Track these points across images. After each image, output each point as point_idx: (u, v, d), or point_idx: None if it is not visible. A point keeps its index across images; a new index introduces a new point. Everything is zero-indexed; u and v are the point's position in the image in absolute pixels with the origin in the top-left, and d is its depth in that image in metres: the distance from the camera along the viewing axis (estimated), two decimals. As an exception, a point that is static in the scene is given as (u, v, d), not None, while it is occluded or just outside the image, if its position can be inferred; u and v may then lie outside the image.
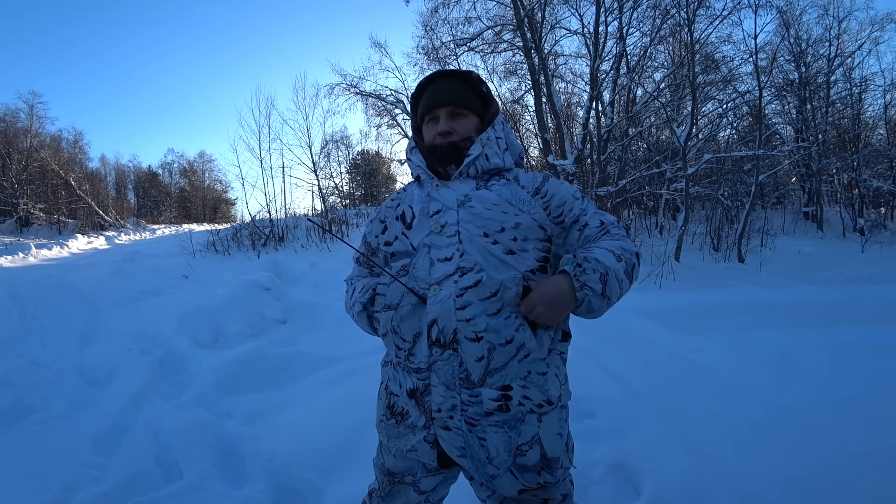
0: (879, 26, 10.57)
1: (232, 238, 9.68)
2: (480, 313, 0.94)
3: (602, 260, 0.97)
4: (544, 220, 1.03)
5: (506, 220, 1.00)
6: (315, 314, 4.51)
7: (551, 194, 1.06)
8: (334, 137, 18.80)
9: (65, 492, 1.88)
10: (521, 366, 0.97)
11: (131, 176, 36.97)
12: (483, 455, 0.98)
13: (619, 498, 1.79)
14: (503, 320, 0.95)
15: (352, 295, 1.20)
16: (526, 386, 0.97)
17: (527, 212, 1.02)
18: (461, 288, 0.95)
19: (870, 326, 3.47)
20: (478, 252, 0.98)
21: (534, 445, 0.99)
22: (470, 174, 1.07)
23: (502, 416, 0.97)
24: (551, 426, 1.02)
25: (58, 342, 3.95)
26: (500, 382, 0.96)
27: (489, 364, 0.95)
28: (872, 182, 10.66)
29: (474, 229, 0.99)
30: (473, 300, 0.94)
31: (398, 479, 1.10)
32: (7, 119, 19.05)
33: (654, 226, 10.05)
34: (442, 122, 1.08)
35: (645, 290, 5.19)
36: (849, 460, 1.86)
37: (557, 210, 1.06)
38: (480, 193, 1.03)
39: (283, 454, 2.05)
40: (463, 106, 1.09)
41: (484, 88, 1.12)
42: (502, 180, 1.07)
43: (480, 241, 0.99)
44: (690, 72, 7.54)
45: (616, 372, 2.81)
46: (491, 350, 0.95)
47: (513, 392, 0.96)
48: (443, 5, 9.65)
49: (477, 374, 0.96)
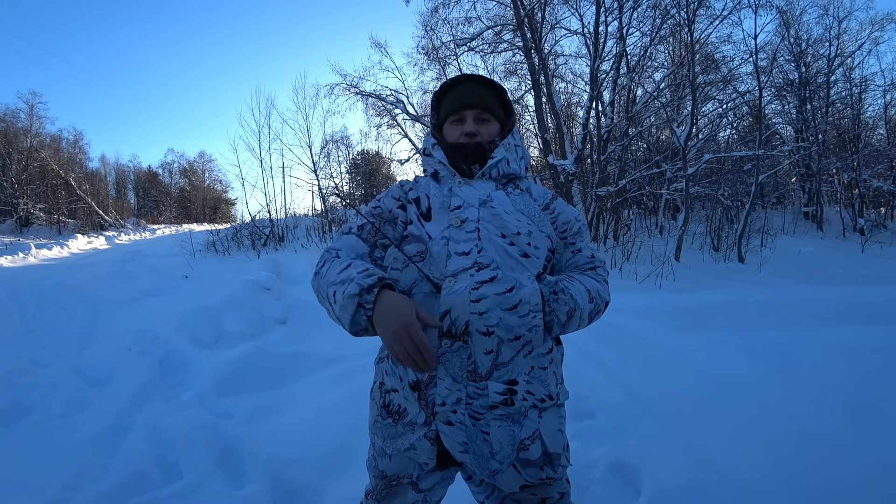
0: (879, 26, 10.61)
1: (232, 238, 9.69)
2: (494, 307, 0.95)
3: (576, 297, 1.03)
4: (552, 234, 1.11)
5: (521, 226, 1.06)
6: (315, 314, 4.51)
7: (559, 211, 1.15)
8: (334, 137, 18.74)
9: (65, 492, 1.88)
10: (526, 361, 1.00)
11: (131, 176, 37.03)
12: (486, 450, 0.98)
13: (619, 498, 1.79)
14: (518, 318, 0.97)
15: (344, 269, 0.97)
16: (530, 381, 1.00)
17: (537, 223, 1.09)
18: (477, 282, 0.97)
19: (870, 326, 3.47)
20: (495, 250, 1.01)
21: (535, 440, 1.01)
22: (492, 176, 1.12)
23: (506, 409, 0.98)
24: (551, 422, 1.04)
25: (58, 342, 3.95)
26: (507, 377, 0.98)
27: (497, 358, 0.97)
28: (872, 182, 10.67)
29: (493, 229, 1.03)
30: (489, 294, 0.96)
31: (394, 481, 1.10)
32: (7, 119, 19.10)
33: (654, 226, 10.05)
34: (469, 124, 1.13)
35: (645, 290, 5.18)
36: (848, 460, 1.86)
37: (563, 227, 1.14)
38: (500, 196, 1.09)
39: (283, 454, 2.05)
40: (488, 111, 1.14)
41: (507, 98, 1.19)
42: (517, 190, 1.14)
43: (498, 240, 1.02)
44: (690, 72, 7.54)
45: (616, 372, 2.81)
46: (500, 344, 0.97)
47: (518, 387, 0.99)
48: (443, 5, 9.66)
49: (485, 367, 0.97)
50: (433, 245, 1.03)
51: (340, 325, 0.96)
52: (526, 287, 0.98)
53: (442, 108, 1.19)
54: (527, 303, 0.97)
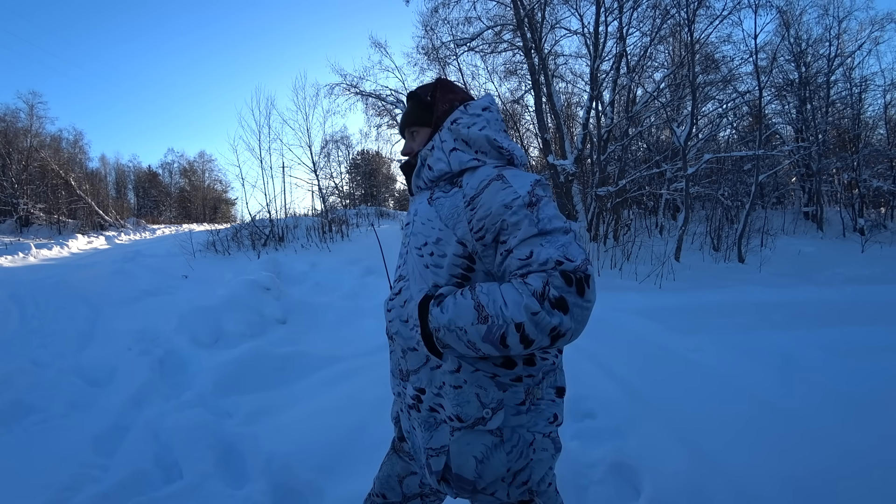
0: (879, 26, 10.59)
1: (232, 238, 9.69)
2: (395, 318, 1.07)
3: (447, 313, 0.88)
4: (465, 236, 0.95)
5: (430, 235, 1.01)
6: (315, 314, 4.52)
7: (480, 205, 0.94)
8: (334, 137, 18.85)
9: (65, 492, 1.88)
10: (433, 374, 1.01)
11: (131, 176, 36.99)
12: (415, 440, 1.09)
13: (619, 498, 1.79)
14: (409, 330, 1.03)
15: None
16: (439, 395, 1.00)
17: (451, 227, 0.97)
18: (393, 293, 1.10)
19: (870, 326, 3.48)
20: (413, 263, 1.05)
21: (441, 454, 0.99)
22: (421, 187, 1.11)
23: (417, 414, 1.05)
24: (466, 445, 0.96)
25: (58, 342, 3.95)
26: (417, 384, 1.04)
27: (407, 364, 1.06)
28: (872, 182, 10.66)
29: (414, 241, 1.06)
30: (395, 306, 1.08)
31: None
32: (7, 119, 19.07)
33: (654, 226, 10.05)
34: (405, 145, 1.19)
35: (645, 290, 5.19)
36: (848, 460, 1.86)
37: (479, 224, 0.93)
38: (423, 207, 1.07)
39: (283, 454, 2.05)
40: (414, 124, 1.15)
41: (428, 97, 1.12)
42: (453, 189, 1.01)
43: (414, 252, 1.06)
44: (690, 72, 7.54)
45: (616, 372, 2.81)
46: (405, 352, 1.06)
47: (424, 396, 1.03)
48: (443, 5, 9.64)
49: (405, 368, 1.07)
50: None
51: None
52: (414, 300, 1.01)
53: None
54: (412, 316, 1.01)
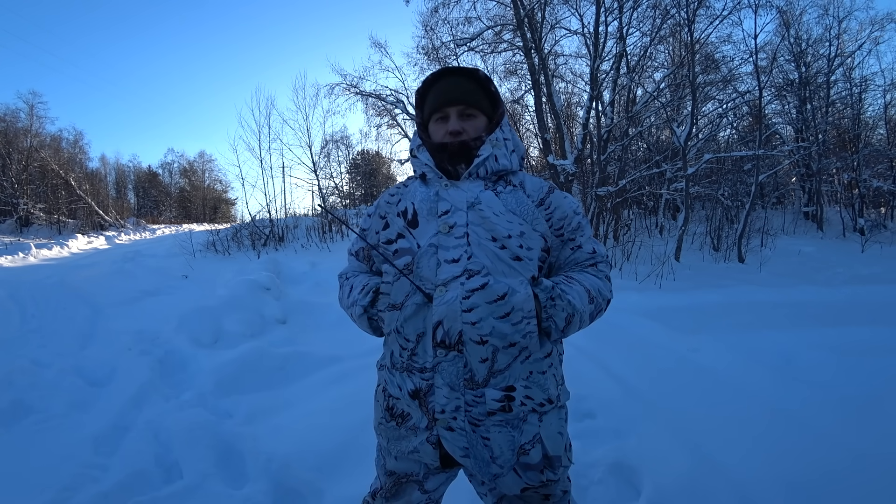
0: (879, 26, 10.58)
1: (232, 238, 9.68)
2: (487, 316, 0.94)
3: (574, 301, 0.99)
4: (546, 232, 1.05)
5: (511, 228, 1.01)
6: (315, 314, 4.51)
7: (555, 207, 1.07)
8: (334, 137, 18.78)
9: (65, 492, 1.88)
10: (523, 366, 0.99)
11: (131, 176, 37.03)
12: (487, 455, 0.99)
13: (619, 498, 1.79)
14: (511, 325, 0.95)
15: (349, 293, 1.13)
16: (528, 386, 0.99)
17: (530, 222, 1.03)
18: (468, 290, 0.95)
19: (870, 326, 3.47)
20: (485, 255, 0.98)
21: (535, 444, 1.01)
22: (479, 175, 1.06)
23: (505, 415, 0.98)
24: (552, 425, 1.03)
25: (58, 342, 3.95)
26: (504, 383, 0.97)
27: (493, 365, 0.96)
28: (872, 182, 10.66)
29: (483, 233, 0.99)
30: (480, 303, 0.94)
31: (403, 479, 1.10)
32: (7, 119, 19.09)
33: (654, 226, 10.05)
34: (452, 121, 1.06)
35: (645, 289, 5.18)
36: (849, 461, 1.86)
37: (559, 223, 1.07)
38: (489, 197, 1.03)
39: (283, 454, 2.05)
40: (473, 106, 1.07)
41: (492, 88, 1.10)
42: (509, 187, 1.07)
43: (489, 244, 0.98)
44: (690, 72, 7.54)
45: (616, 372, 2.81)
46: (495, 352, 0.96)
47: (516, 392, 0.98)
48: (443, 5, 9.65)
49: (481, 375, 0.96)
50: (422, 254, 1.01)
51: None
52: (519, 293, 0.95)
53: (426, 105, 1.12)
54: (519, 310, 0.95)
